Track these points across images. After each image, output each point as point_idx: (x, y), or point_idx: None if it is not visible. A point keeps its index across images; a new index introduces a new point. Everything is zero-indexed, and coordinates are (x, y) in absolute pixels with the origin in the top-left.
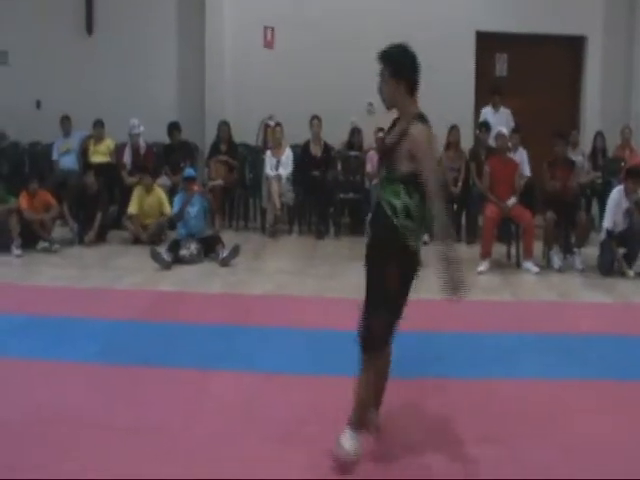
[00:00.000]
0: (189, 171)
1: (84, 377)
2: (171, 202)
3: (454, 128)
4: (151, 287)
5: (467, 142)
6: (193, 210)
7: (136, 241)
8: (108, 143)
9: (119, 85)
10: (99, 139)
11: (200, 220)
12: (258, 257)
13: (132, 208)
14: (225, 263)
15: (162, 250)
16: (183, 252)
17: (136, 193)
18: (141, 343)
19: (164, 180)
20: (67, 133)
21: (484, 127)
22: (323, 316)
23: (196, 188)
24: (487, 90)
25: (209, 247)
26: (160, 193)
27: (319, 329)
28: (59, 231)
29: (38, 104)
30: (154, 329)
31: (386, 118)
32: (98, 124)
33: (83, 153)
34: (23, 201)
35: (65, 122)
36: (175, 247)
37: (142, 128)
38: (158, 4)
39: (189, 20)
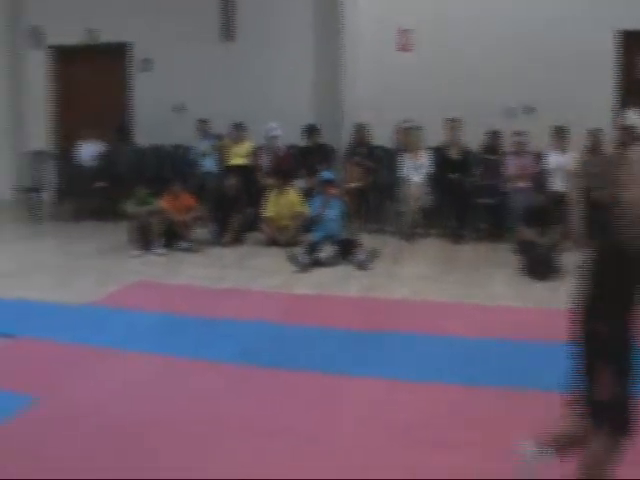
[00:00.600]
0: (327, 174)
1: (224, 377)
2: (308, 204)
3: (597, 131)
4: (288, 289)
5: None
6: (331, 213)
7: (272, 243)
8: (247, 146)
9: (258, 89)
10: (238, 141)
11: (337, 223)
12: (395, 261)
13: (268, 211)
14: (362, 266)
15: (299, 252)
16: (321, 255)
17: (271, 196)
18: (278, 345)
19: (301, 182)
20: (206, 136)
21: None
22: (463, 323)
23: (334, 191)
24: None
25: (346, 250)
26: (295, 195)
27: (459, 337)
28: (198, 232)
29: (180, 108)
30: (291, 331)
31: (524, 122)
32: (237, 127)
33: (222, 156)
34: (166, 203)
35: (203, 125)
36: (312, 249)
37: (280, 131)
38: (295, 9)
39: (326, 23)
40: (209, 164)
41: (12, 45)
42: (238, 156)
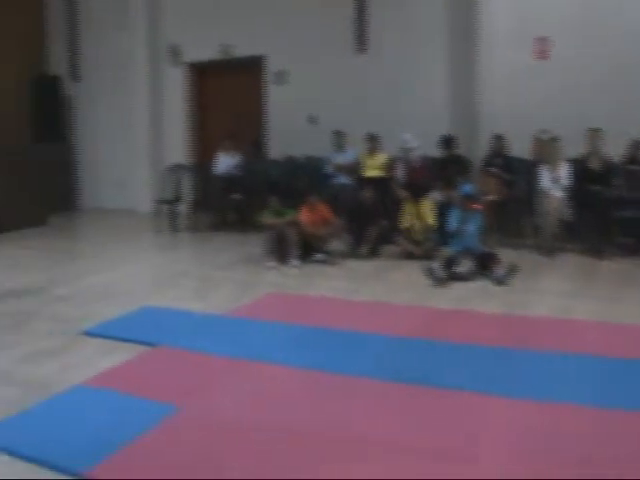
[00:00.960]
0: (468, 188)
1: (361, 392)
2: (444, 217)
3: None
4: (425, 303)
5: None
6: (470, 227)
7: (408, 256)
8: (382, 157)
9: (392, 100)
10: (373, 153)
11: (475, 236)
12: (534, 276)
13: (404, 223)
14: (501, 282)
15: (436, 266)
16: (459, 269)
17: (406, 208)
18: (415, 360)
19: (436, 195)
20: (341, 147)
21: None
22: (606, 343)
23: (476, 206)
24: None
25: (484, 265)
26: (427, 206)
27: (605, 357)
28: (335, 243)
29: (311, 120)
30: (428, 347)
31: None
32: (371, 138)
33: (357, 167)
34: (303, 214)
35: (338, 137)
36: (450, 263)
37: (415, 143)
38: (429, 19)
39: (460, 32)
40: (343, 177)
41: (151, 62)
42: (373, 168)
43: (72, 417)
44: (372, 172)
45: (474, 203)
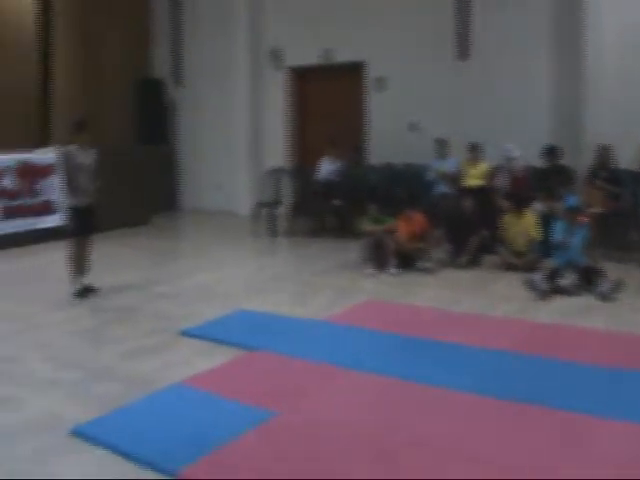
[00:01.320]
0: (573, 200)
1: (457, 407)
2: (548, 228)
3: None
4: (526, 316)
5: None
6: (574, 239)
7: (509, 267)
8: (483, 167)
9: (494, 108)
10: (474, 162)
11: (579, 249)
12: None
13: (504, 233)
14: (606, 297)
15: (538, 278)
16: (563, 282)
17: (506, 219)
18: (515, 376)
19: (538, 206)
20: (442, 156)
21: None
22: None
23: (581, 218)
24: None
25: (587, 279)
26: (530, 218)
27: None
28: (435, 252)
29: (412, 127)
30: (528, 362)
31: None
32: (473, 147)
33: (459, 176)
34: (400, 227)
35: (440, 144)
36: (552, 276)
37: (518, 153)
38: (532, 24)
39: (565, 38)
40: (443, 185)
41: (253, 66)
42: (474, 177)
43: (170, 416)
44: (473, 181)
45: (579, 215)
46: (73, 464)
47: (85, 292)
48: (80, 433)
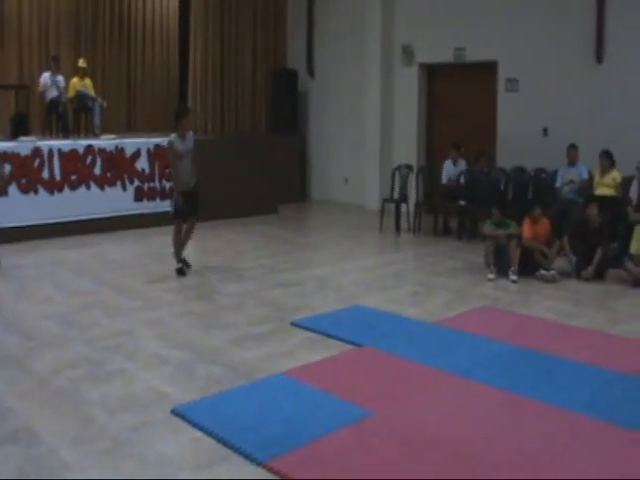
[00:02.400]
0: None
1: (565, 427)
2: None
3: None
4: None
5: None
6: None
7: (637, 283)
8: (614, 175)
9: (627, 116)
10: (605, 171)
11: None
12: None
13: (633, 247)
14: None
15: None
16: None
17: (637, 231)
18: (628, 401)
19: None
20: (572, 162)
21: None
22: None
23: None
24: None
25: None
26: None
27: None
28: (558, 262)
29: (545, 131)
30: None
31: None
32: (604, 155)
33: (587, 185)
34: (526, 227)
35: (571, 151)
36: None
37: None
38: None
39: None
40: (572, 192)
41: (384, 62)
42: (604, 186)
43: (268, 405)
44: (603, 190)
45: None
46: (170, 441)
47: (185, 264)
48: (180, 413)
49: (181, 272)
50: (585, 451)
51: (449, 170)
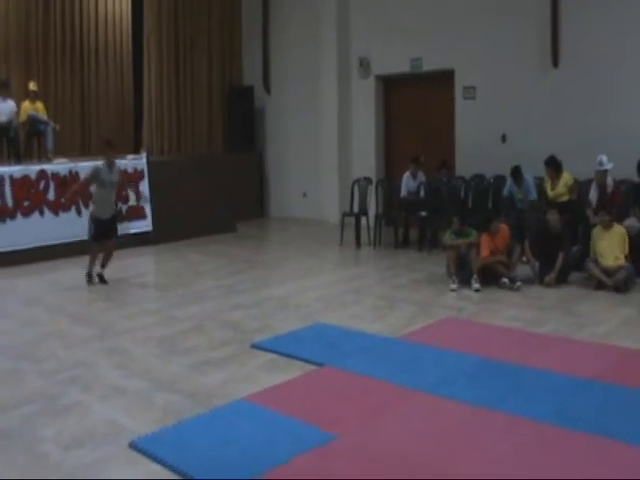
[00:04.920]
0: None
1: (534, 438)
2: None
3: None
4: (615, 342)
5: None
6: None
7: (600, 286)
8: (565, 180)
9: (584, 119)
10: (554, 179)
11: None
12: None
13: (592, 250)
14: None
15: None
16: None
17: (595, 234)
18: (601, 408)
19: (632, 221)
20: (519, 184)
21: None
22: None
23: None
24: None
25: None
26: (621, 231)
27: None
28: (520, 269)
29: (504, 138)
30: (616, 393)
31: None
32: (548, 164)
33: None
34: (483, 245)
35: (515, 175)
36: None
37: (610, 165)
38: (631, 32)
39: None
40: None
41: (340, 75)
42: (558, 195)
43: (228, 433)
44: (561, 198)
45: None
46: (128, 476)
47: (99, 279)
48: (138, 446)
49: (90, 278)
50: (555, 461)
51: (408, 183)
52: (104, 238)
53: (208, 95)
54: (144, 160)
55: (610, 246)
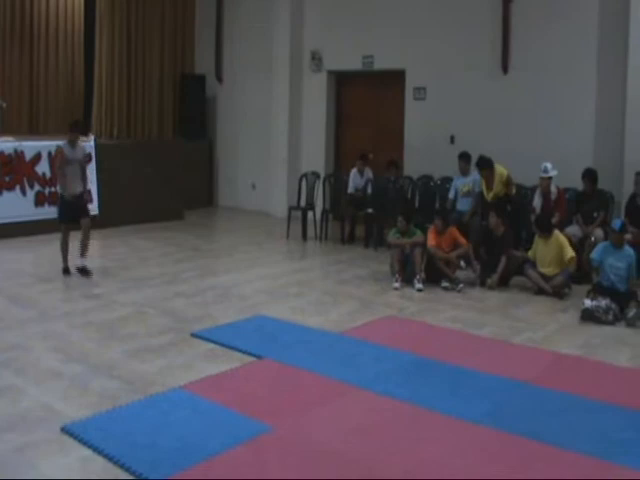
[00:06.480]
0: (619, 222)
1: (467, 439)
2: (578, 250)
3: None
4: (551, 346)
5: None
6: (617, 264)
7: (540, 291)
8: (501, 173)
9: (531, 125)
10: (487, 179)
11: (622, 276)
12: None
13: (530, 254)
14: (631, 323)
15: (593, 305)
16: (588, 303)
17: (536, 239)
18: (533, 411)
19: (574, 229)
20: (466, 173)
21: None
22: None
23: (629, 239)
24: None
25: (621, 304)
26: (560, 239)
27: None
28: (462, 271)
29: (452, 139)
30: (549, 397)
31: None
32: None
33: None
34: (431, 236)
35: (461, 162)
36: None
37: (555, 172)
38: (578, 44)
39: (610, 63)
40: (466, 204)
41: (292, 68)
42: (490, 192)
43: (163, 421)
44: (494, 197)
45: (623, 237)
46: (58, 462)
47: (82, 272)
48: (70, 431)
49: (66, 271)
50: (485, 462)
51: (355, 180)
52: (72, 218)
53: (159, 81)
54: (92, 143)
55: (548, 255)
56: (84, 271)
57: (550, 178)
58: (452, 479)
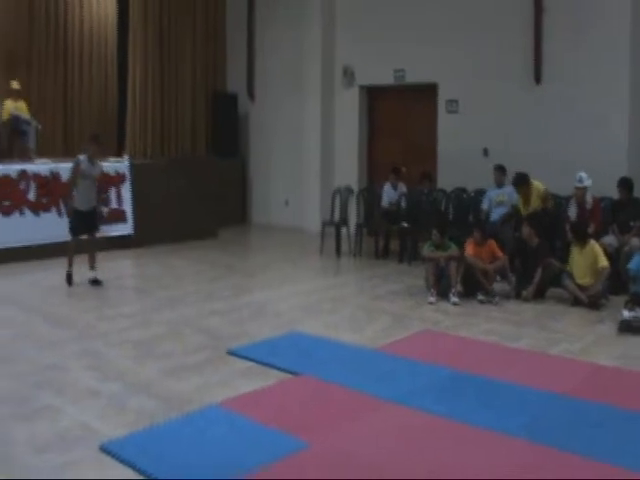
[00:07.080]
0: None
1: (504, 453)
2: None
3: None
4: (588, 358)
5: None
6: None
7: (577, 302)
8: (538, 189)
9: (565, 135)
10: (524, 193)
11: None
12: None
13: (568, 267)
14: None
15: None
16: (625, 314)
17: (572, 250)
18: (571, 424)
19: (610, 239)
20: (500, 184)
21: None
22: None
23: None
24: None
25: None
26: (596, 249)
27: None
28: (498, 284)
29: (486, 152)
30: (587, 409)
31: None
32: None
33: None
34: (469, 248)
35: (497, 172)
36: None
37: (590, 182)
38: (610, 54)
39: None
40: (499, 214)
41: (324, 84)
42: (525, 205)
43: (200, 439)
44: (526, 210)
45: None
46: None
47: (93, 282)
48: (109, 450)
49: (69, 278)
50: (522, 476)
51: (389, 194)
52: (83, 232)
53: (192, 100)
54: (126, 163)
55: (584, 265)
56: (95, 282)
57: (585, 188)
58: None
